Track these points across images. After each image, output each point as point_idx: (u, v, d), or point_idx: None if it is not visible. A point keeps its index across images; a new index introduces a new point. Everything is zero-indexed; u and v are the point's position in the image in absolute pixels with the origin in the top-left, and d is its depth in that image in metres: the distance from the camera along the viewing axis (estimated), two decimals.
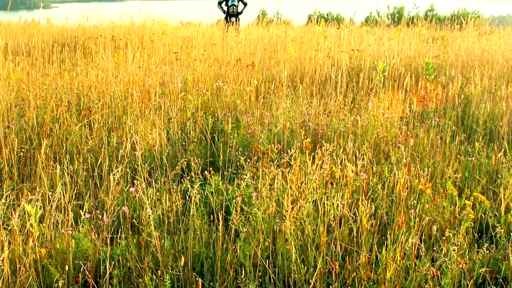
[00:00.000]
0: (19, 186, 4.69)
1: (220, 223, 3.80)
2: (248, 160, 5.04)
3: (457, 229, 3.92)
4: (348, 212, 4.00)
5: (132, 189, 4.34)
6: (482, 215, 4.37)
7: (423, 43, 12.27)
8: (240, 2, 16.24)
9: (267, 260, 3.76)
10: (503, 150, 5.33)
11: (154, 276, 3.47)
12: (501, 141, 5.95)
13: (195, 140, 5.91)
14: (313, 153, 4.61)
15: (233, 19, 16.21)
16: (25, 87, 6.88)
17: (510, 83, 7.89)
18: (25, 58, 8.83)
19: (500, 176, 4.91)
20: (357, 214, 3.93)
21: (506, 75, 8.60)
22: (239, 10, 16.27)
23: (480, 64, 9.09)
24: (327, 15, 25.37)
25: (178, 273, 3.64)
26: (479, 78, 7.78)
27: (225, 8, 16.31)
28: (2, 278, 3.32)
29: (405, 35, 13.38)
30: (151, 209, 3.95)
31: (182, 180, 4.71)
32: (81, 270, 3.43)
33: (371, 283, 3.59)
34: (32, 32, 12.72)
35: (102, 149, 5.17)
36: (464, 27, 16.54)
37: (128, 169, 4.84)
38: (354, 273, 3.62)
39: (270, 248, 3.85)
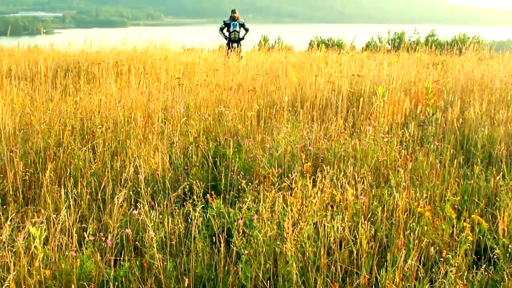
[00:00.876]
0: (24, 209, 4.75)
1: (222, 246, 3.85)
2: (250, 183, 5.09)
3: (455, 251, 3.97)
4: (348, 235, 4.05)
5: (135, 211, 4.40)
6: (480, 237, 4.42)
7: (423, 68, 12.37)
8: (241, 28, 16.42)
9: (268, 282, 3.81)
10: (501, 173, 5.38)
11: None
12: (499, 165, 6.00)
13: (197, 164, 5.97)
14: (313, 177, 4.67)
15: (235, 44, 16.38)
16: (29, 111, 6.95)
17: (509, 107, 7.96)
18: (28, 83, 8.93)
19: (498, 199, 4.96)
20: (357, 237, 3.98)
21: (505, 99, 8.67)
22: (241, 36, 16.44)
23: (479, 89, 9.17)
24: (328, 40, 25.55)
25: None
26: (478, 102, 7.86)
27: (226, 34, 16.49)
28: None
29: (405, 60, 13.50)
30: (154, 231, 4.00)
31: (184, 203, 4.76)
32: None
33: None
34: (35, 58, 12.86)
35: (106, 173, 5.24)
36: (464, 52, 16.67)
37: (131, 192, 4.91)
38: None
39: (271, 270, 3.89)
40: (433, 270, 3.91)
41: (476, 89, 8.83)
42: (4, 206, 4.73)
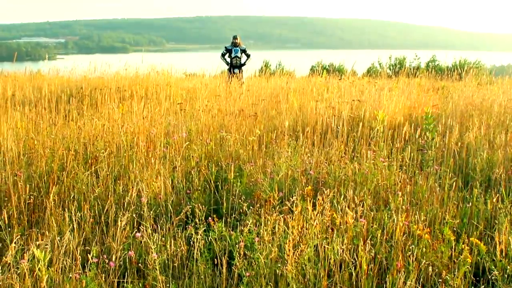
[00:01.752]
0: (28, 232, 4.80)
1: (224, 268, 3.91)
2: (251, 207, 5.15)
3: (454, 272, 4.01)
4: (348, 257, 4.10)
5: (138, 234, 4.45)
6: (479, 259, 4.47)
7: (423, 93, 12.46)
8: (243, 54, 16.51)
9: None
10: (500, 196, 5.44)
11: None
12: (498, 188, 6.06)
13: (199, 188, 6.02)
14: (314, 200, 4.72)
15: (236, 70, 16.47)
16: (33, 136, 7.03)
17: (509, 131, 8.02)
18: (32, 108, 9.01)
19: (497, 222, 5.01)
20: (357, 259, 4.03)
21: (504, 123, 8.74)
22: (242, 62, 16.52)
23: (479, 113, 9.25)
24: (329, 66, 25.70)
25: None
26: (477, 126, 7.93)
27: (228, 59, 16.58)
28: None
29: (405, 85, 13.59)
30: (156, 253, 4.06)
31: (186, 226, 4.81)
32: None
33: None
34: (39, 83, 12.97)
35: (109, 197, 5.30)
36: (464, 77, 16.78)
37: (134, 215, 4.96)
38: None
39: None
40: None
41: (475, 114, 8.90)
42: (9, 229, 4.79)
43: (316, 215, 4.45)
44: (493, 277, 4.09)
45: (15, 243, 3.96)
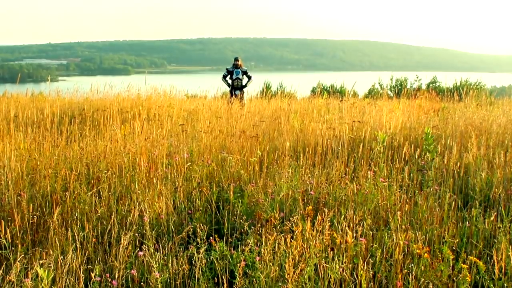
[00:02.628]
0: (32, 251, 4.85)
1: (225, 287, 3.94)
2: (252, 227, 5.20)
3: None
4: (348, 276, 4.14)
5: (140, 253, 4.50)
6: (478, 277, 4.50)
7: (424, 114, 12.53)
8: (244, 76, 16.60)
9: None
10: (499, 216, 5.48)
11: None
12: (497, 207, 6.11)
13: (201, 208, 6.07)
14: (314, 220, 4.76)
15: (238, 92, 16.53)
16: (36, 156, 7.08)
17: (509, 151, 8.07)
18: (35, 129, 9.07)
19: (496, 241, 5.05)
20: (357, 278, 4.07)
21: (504, 144, 8.79)
22: (244, 83, 16.61)
23: (479, 134, 9.30)
24: (331, 87, 25.77)
25: None
26: (477, 147, 7.99)
27: (229, 81, 16.66)
28: None
29: (406, 106, 13.67)
30: (158, 272, 4.10)
31: (188, 246, 4.86)
32: None
33: None
34: (41, 104, 13.06)
35: (111, 217, 5.34)
36: (464, 99, 16.86)
37: (136, 234, 5.01)
38: None
39: None
40: None
41: (475, 134, 8.96)
42: (13, 248, 4.83)
43: (317, 234, 4.50)
44: None
45: (19, 261, 4.01)
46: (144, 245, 4.70)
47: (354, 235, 4.58)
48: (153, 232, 5.03)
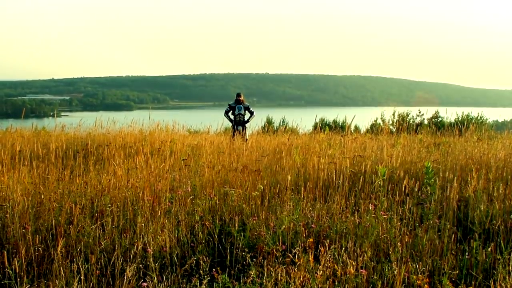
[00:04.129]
0: (37, 282, 4.91)
1: None
2: (254, 259, 5.26)
3: None
4: None
5: (144, 284, 4.56)
6: None
7: (425, 149, 12.61)
8: (246, 111, 16.72)
9: None
10: (498, 248, 5.54)
11: None
12: (497, 240, 6.16)
13: (203, 241, 6.13)
14: (315, 252, 4.83)
15: (240, 127, 16.64)
16: (41, 190, 7.17)
17: (508, 185, 8.13)
18: (40, 163, 9.15)
19: (495, 272, 5.10)
20: None
21: (504, 177, 8.85)
22: (246, 119, 16.72)
23: (479, 167, 9.37)
24: (333, 122, 25.89)
25: None
26: (476, 180, 8.06)
27: (232, 116, 16.78)
28: None
29: (407, 141, 13.76)
30: None
31: (191, 278, 4.92)
32: None
33: None
34: (45, 139, 13.16)
35: (116, 249, 5.41)
36: (464, 133, 16.94)
37: (140, 265, 5.07)
38: None
39: None
40: None
41: (475, 168, 9.03)
42: (18, 279, 4.89)
43: (318, 266, 4.56)
44: None
45: None
46: (147, 277, 4.76)
47: (355, 266, 4.64)
48: (157, 264, 5.10)
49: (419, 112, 27.24)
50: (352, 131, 18.01)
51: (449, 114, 24.50)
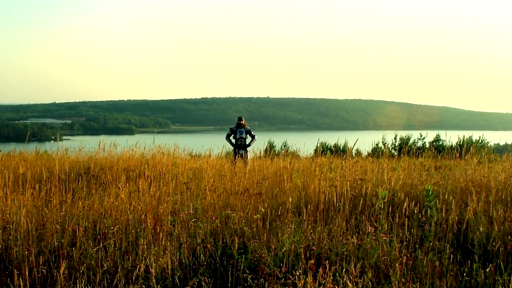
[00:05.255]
0: None
1: None
2: (255, 281, 5.30)
3: None
4: None
5: None
6: None
7: (425, 172, 12.66)
8: (248, 135, 16.78)
9: None
10: (497, 269, 5.57)
11: None
12: (496, 261, 6.20)
13: (205, 263, 6.17)
14: (316, 274, 4.87)
15: (242, 151, 16.69)
16: (44, 213, 7.22)
17: (508, 207, 8.17)
18: (43, 186, 9.20)
19: None
20: None
21: (505, 200, 8.89)
22: (247, 143, 16.78)
23: (479, 190, 9.41)
24: (334, 146, 25.94)
25: None
26: (476, 202, 8.11)
27: (233, 140, 16.84)
28: None
29: (408, 164, 13.81)
30: None
31: None
32: None
33: None
34: (47, 162, 13.22)
35: (118, 271, 5.45)
36: (464, 155, 17.00)
37: (143, 287, 5.11)
38: None
39: None
40: None
41: (475, 191, 9.08)
42: None
43: (319, 287, 4.60)
44: None
45: None
46: None
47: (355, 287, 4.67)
48: (159, 286, 5.14)
49: (420, 136, 27.30)
50: (353, 155, 18.05)
51: (451, 137, 24.57)
